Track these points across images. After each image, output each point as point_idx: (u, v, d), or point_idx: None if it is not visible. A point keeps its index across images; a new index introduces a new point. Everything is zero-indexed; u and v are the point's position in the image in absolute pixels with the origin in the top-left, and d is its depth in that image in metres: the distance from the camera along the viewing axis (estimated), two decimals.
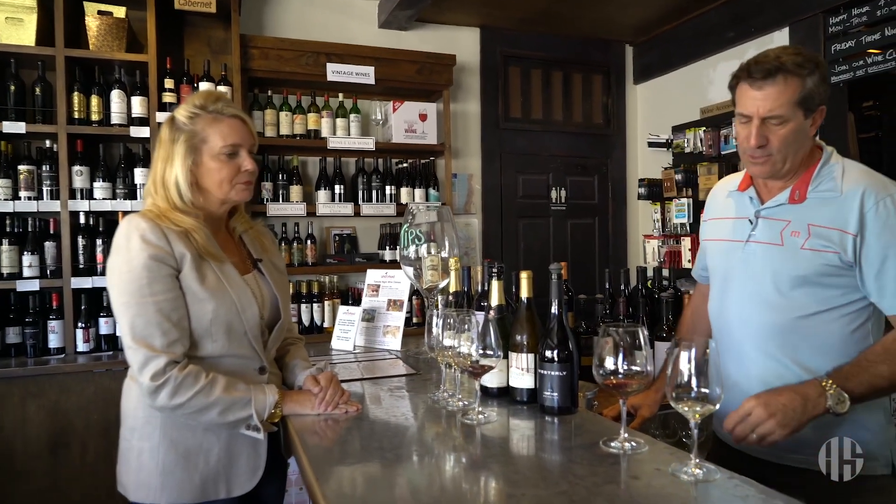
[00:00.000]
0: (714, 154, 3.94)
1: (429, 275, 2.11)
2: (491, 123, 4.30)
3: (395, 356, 2.11)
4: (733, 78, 1.45)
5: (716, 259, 1.61)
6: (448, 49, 3.93)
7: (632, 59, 4.71)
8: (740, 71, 1.42)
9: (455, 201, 4.10)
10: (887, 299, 1.35)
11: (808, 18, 3.43)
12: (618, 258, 4.62)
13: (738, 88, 1.43)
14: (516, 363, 1.47)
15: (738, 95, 1.43)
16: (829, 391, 1.26)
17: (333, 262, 3.64)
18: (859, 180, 1.39)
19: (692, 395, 1.03)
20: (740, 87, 1.42)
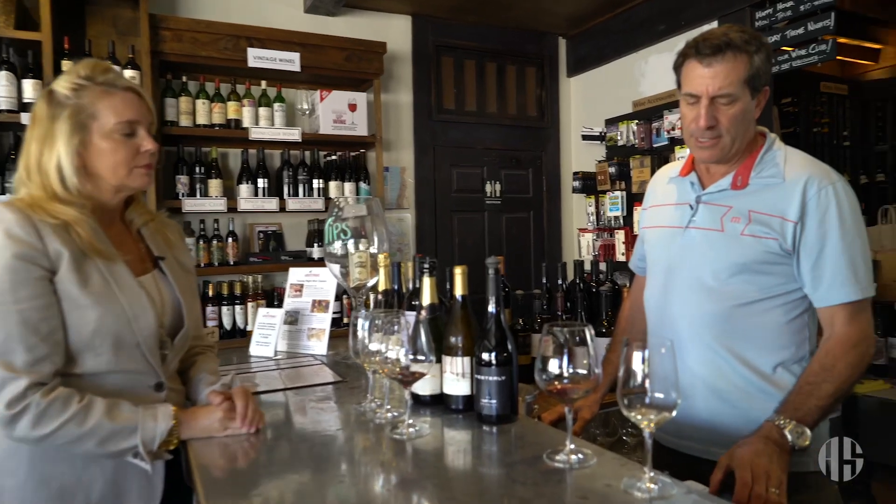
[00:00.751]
0: (646, 147, 3.95)
1: (357, 272, 1.95)
2: (424, 115, 4.16)
3: (321, 362, 1.95)
4: (679, 56, 1.39)
5: (655, 247, 1.55)
6: (378, 36, 3.76)
7: (565, 51, 4.68)
8: (687, 48, 1.36)
9: (387, 195, 3.94)
10: (820, 291, 1.32)
11: (735, 12, 3.46)
12: (553, 252, 4.58)
13: (684, 67, 1.38)
14: (451, 368, 1.34)
15: (685, 74, 1.37)
16: (786, 429, 1.22)
17: (257, 260, 3.41)
18: (803, 168, 1.36)
19: (646, 402, 0.92)
20: (687, 65, 1.36)
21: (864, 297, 1.30)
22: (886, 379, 2.77)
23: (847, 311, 1.30)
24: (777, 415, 1.25)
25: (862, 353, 1.29)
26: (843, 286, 1.29)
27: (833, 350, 1.29)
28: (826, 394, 1.25)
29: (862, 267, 1.30)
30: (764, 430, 1.23)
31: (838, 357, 1.28)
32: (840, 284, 1.29)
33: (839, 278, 1.29)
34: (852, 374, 1.28)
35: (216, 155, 3.39)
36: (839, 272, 1.29)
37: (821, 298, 1.32)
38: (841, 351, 1.28)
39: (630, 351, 0.94)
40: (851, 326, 1.29)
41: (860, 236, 1.31)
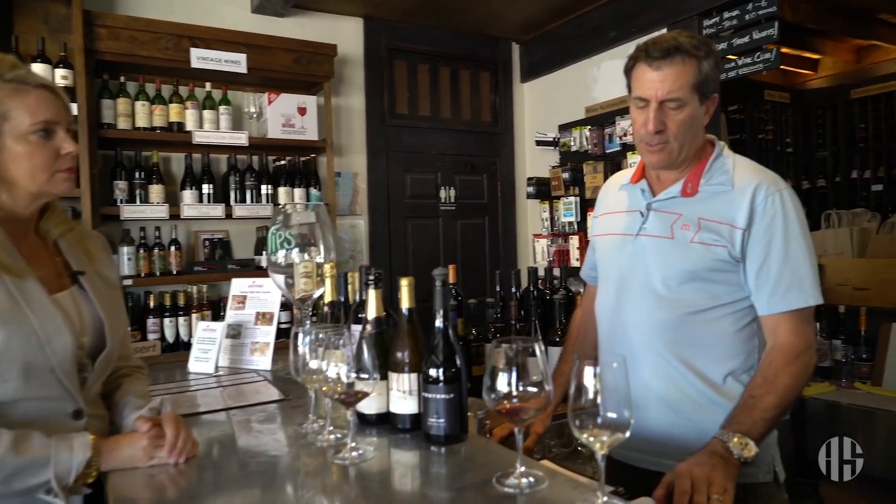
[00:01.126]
0: (599, 153, 3.97)
1: (302, 283, 1.86)
2: (376, 119, 4.08)
3: (264, 378, 1.85)
4: (630, 60, 1.38)
5: (606, 255, 1.53)
6: (329, 39, 3.67)
7: (519, 56, 4.67)
8: (637, 52, 1.35)
9: (339, 201, 3.85)
10: (763, 298, 1.31)
11: (684, 20, 3.51)
12: (508, 258, 4.56)
13: (634, 70, 1.36)
14: (397, 385, 1.27)
15: (635, 78, 1.36)
16: (729, 443, 1.19)
17: (202, 269, 3.27)
18: (751, 175, 1.36)
19: (598, 422, 0.88)
20: (637, 68, 1.35)
21: (808, 305, 1.28)
22: (832, 381, 2.83)
23: (791, 319, 1.28)
24: (721, 430, 1.23)
25: (805, 363, 1.28)
26: (787, 294, 1.28)
27: (776, 361, 1.27)
28: (769, 405, 1.23)
29: (807, 275, 1.29)
30: (710, 445, 1.21)
31: (781, 368, 1.26)
32: (784, 292, 1.28)
33: (782, 286, 1.28)
34: (795, 385, 1.26)
35: (157, 159, 3.24)
36: (783, 280, 1.28)
37: (764, 306, 1.31)
38: (783, 362, 1.26)
39: (581, 368, 0.89)
40: (795, 336, 1.28)
41: (806, 244, 1.31)
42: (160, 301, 3.10)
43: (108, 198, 3.08)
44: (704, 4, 3.40)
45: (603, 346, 1.51)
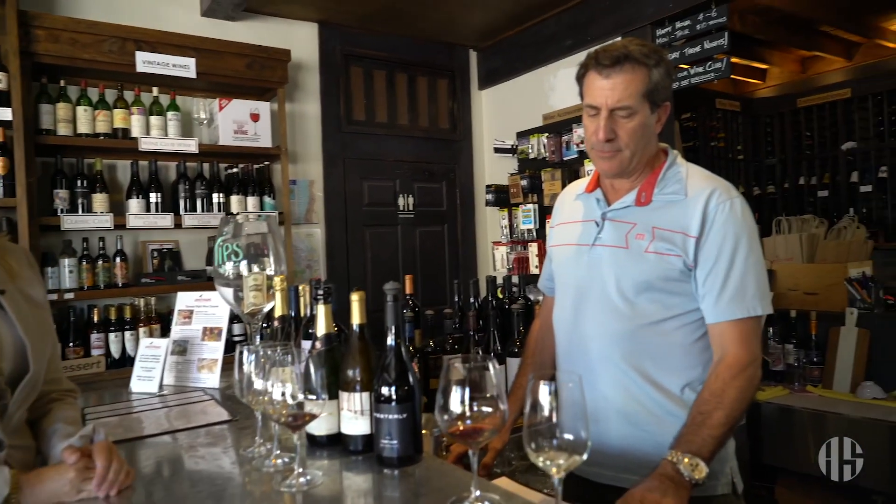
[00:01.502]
0: (557, 160, 3.98)
1: (251, 296, 1.79)
2: (332, 126, 4.01)
3: (211, 397, 1.76)
4: (581, 67, 1.37)
5: (563, 265, 1.50)
6: (283, 44, 3.59)
7: (476, 64, 4.67)
8: (588, 60, 1.34)
9: (295, 210, 3.76)
10: (708, 306, 1.30)
11: (638, 29, 3.55)
12: (468, 265, 4.54)
13: (585, 78, 1.36)
14: (348, 405, 1.22)
15: (586, 86, 1.35)
16: (679, 465, 1.17)
17: (150, 281, 3.14)
18: (704, 184, 1.35)
19: (554, 444, 0.84)
20: (588, 76, 1.34)
21: (754, 315, 1.27)
22: (785, 385, 2.88)
23: (737, 329, 1.27)
24: (671, 451, 1.20)
25: (750, 377, 1.26)
26: (731, 303, 1.27)
27: (722, 375, 1.25)
28: (718, 422, 1.21)
29: (751, 285, 1.28)
30: (660, 468, 1.18)
31: (727, 382, 1.24)
32: (728, 301, 1.27)
33: (727, 295, 1.27)
34: (742, 400, 1.25)
35: (101, 167, 3.10)
36: (727, 289, 1.27)
37: (710, 314, 1.29)
38: (730, 376, 1.25)
39: (536, 386, 0.86)
40: (741, 348, 1.26)
41: (754, 254, 1.30)
42: (105, 315, 2.97)
43: (47, 207, 2.93)
44: (657, 14, 3.44)
45: (561, 358, 1.48)
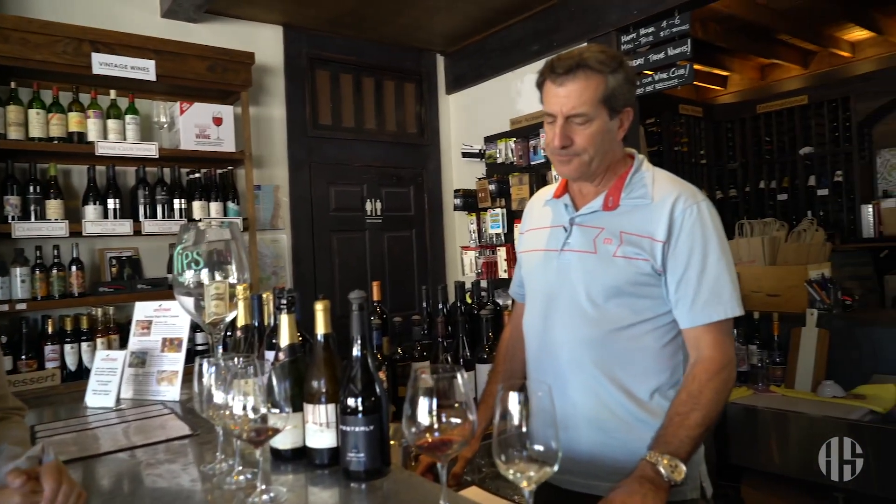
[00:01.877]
0: (524, 164, 3.99)
1: (213, 306, 1.73)
2: (298, 130, 3.95)
3: (171, 410, 1.70)
4: (539, 76, 1.37)
5: (532, 271, 1.50)
6: (246, 46, 3.52)
7: (443, 68, 4.66)
8: (544, 68, 1.35)
9: (260, 215, 3.69)
10: (683, 311, 1.30)
11: (602, 35, 3.59)
12: (436, 270, 4.52)
13: (544, 86, 1.36)
14: (313, 417, 1.18)
15: (544, 94, 1.36)
16: (659, 465, 1.17)
17: (108, 290, 3.03)
18: (670, 188, 1.35)
19: (524, 455, 0.82)
20: (545, 84, 1.35)
21: (727, 317, 1.28)
22: (749, 385, 2.93)
23: (711, 332, 1.28)
24: (650, 451, 1.21)
25: (725, 378, 1.27)
26: (707, 307, 1.27)
27: (699, 376, 1.26)
28: (695, 423, 1.22)
29: (725, 287, 1.29)
30: (639, 469, 1.19)
31: (704, 384, 1.25)
32: (703, 305, 1.28)
33: (702, 299, 1.28)
34: (719, 401, 1.26)
35: (55, 172, 2.99)
36: (702, 293, 1.28)
37: (685, 319, 1.30)
38: (706, 377, 1.26)
39: (505, 398, 0.84)
40: (716, 350, 1.27)
41: (724, 256, 1.31)
42: (60, 326, 2.86)
43: None
44: (621, 21, 3.48)
45: (531, 364, 1.47)
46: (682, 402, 1.25)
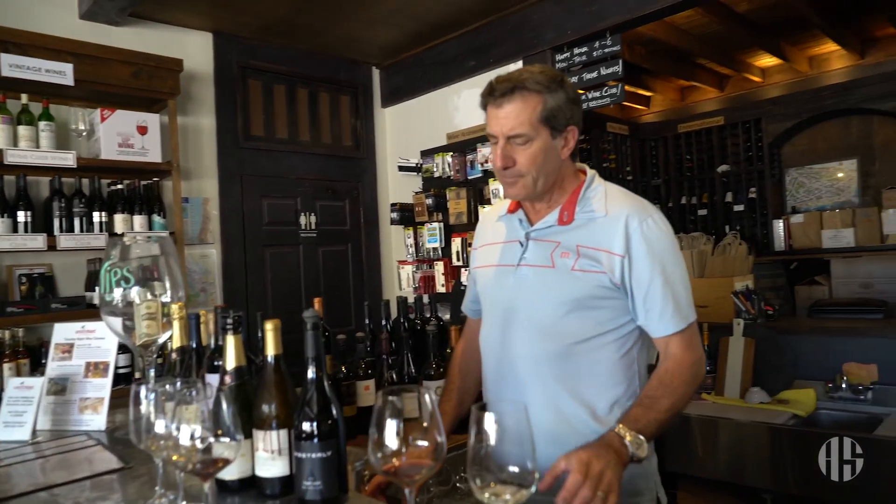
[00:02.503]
0: (461, 179, 4.01)
1: (144, 326, 1.62)
2: (229, 141, 3.80)
3: (98, 441, 1.57)
4: (481, 98, 1.39)
5: (488, 287, 1.48)
6: (174, 52, 3.37)
7: (379, 81, 4.63)
8: (485, 91, 1.37)
9: (187, 229, 3.52)
10: (653, 322, 1.34)
11: (538, 54, 3.67)
12: (373, 285, 4.45)
13: (486, 108, 1.38)
14: (264, 444, 1.11)
15: (487, 116, 1.38)
16: (626, 439, 1.21)
17: (17, 310, 2.80)
18: (622, 202, 1.38)
19: (502, 477, 0.80)
20: (487, 106, 1.37)
21: (688, 324, 1.34)
22: None
23: (678, 337, 1.33)
24: (619, 425, 1.24)
25: (695, 372, 1.34)
26: (673, 317, 1.32)
27: (671, 368, 1.32)
28: (664, 408, 1.27)
29: (683, 295, 1.34)
30: (606, 438, 1.22)
31: (675, 375, 1.31)
32: (670, 316, 1.32)
33: (668, 310, 1.32)
34: (687, 391, 1.32)
35: None
36: (668, 304, 1.32)
37: (654, 329, 1.35)
38: (677, 369, 1.31)
39: (481, 418, 0.81)
40: (685, 350, 1.33)
41: (680, 266, 1.36)
42: None
43: None
44: (556, 40, 3.57)
45: (489, 380, 1.45)
46: (653, 388, 1.30)
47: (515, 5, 3.67)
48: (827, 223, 5.35)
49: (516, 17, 3.75)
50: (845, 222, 5.26)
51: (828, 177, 5.73)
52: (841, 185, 5.67)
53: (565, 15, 3.53)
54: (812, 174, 5.80)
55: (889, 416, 2.49)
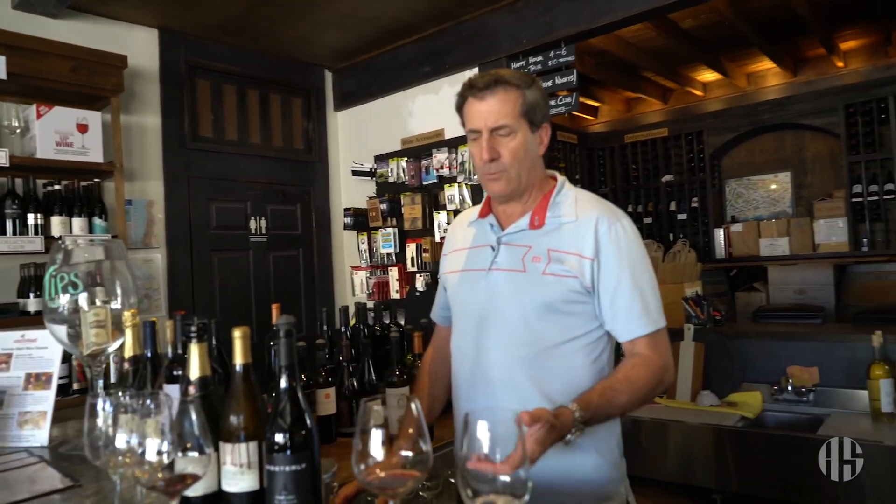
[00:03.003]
0: (417, 184, 3.99)
1: (93, 335, 1.53)
2: (176, 142, 3.66)
3: (40, 458, 1.46)
4: (459, 97, 1.40)
5: (459, 292, 1.47)
6: (118, 48, 3.22)
7: (332, 84, 4.56)
8: (464, 88, 1.38)
9: (130, 233, 3.36)
10: (619, 326, 1.34)
11: (493, 61, 3.69)
12: (325, 291, 4.36)
13: (465, 106, 1.38)
14: (232, 458, 1.05)
15: (466, 113, 1.38)
16: (574, 416, 1.17)
17: None
18: (592, 207, 1.40)
19: (497, 485, 0.78)
20: (467, 103, 1.37)
21: (657, 328, 1.33)
22: None
23: (646, 340, 1.33)
24: (574, 403, 1.20)
25: (660, 378, 1.32)
26: (640, 320, 1.32)
27: (639, 365, 1.31)
28: (619, 405, 1.26)
29: (652, 299, 1.34)
30: (561, 411, 1.17)
31: (641, 373, 1.30)
32: (636, 319, 1.32)
33: (634, 313, 1.32)
34: (647, 395, 1.31)
35: None
36: (634, 307, 1.32)
37: (621, 333, 1.35)
38: (644, 369, 1.30)
39: (472, 421, 0.79)
40: (653, 352, 1.33)
41: (648, 271, 1.37)
42: None
43: None
44: (512, 48, 3.61)
45: (461, 386, 1.43)
46: (618, 381, 1.28)
47: (471, 13, 3.69)
48: (764, 232, 5.60)
49: (472, 25, 3.77)
50: (780, 232, 5.51)
51: (764, 188, 6.00)
52: (776, 197, 5.95)
53: (520, 24, 3.57)
54: (750, 185, 6.06)
55: (829, 417, 2.61)
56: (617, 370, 1.32)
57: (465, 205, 3.71)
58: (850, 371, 2.70)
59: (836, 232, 5.27)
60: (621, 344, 1.37)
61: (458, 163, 3.73)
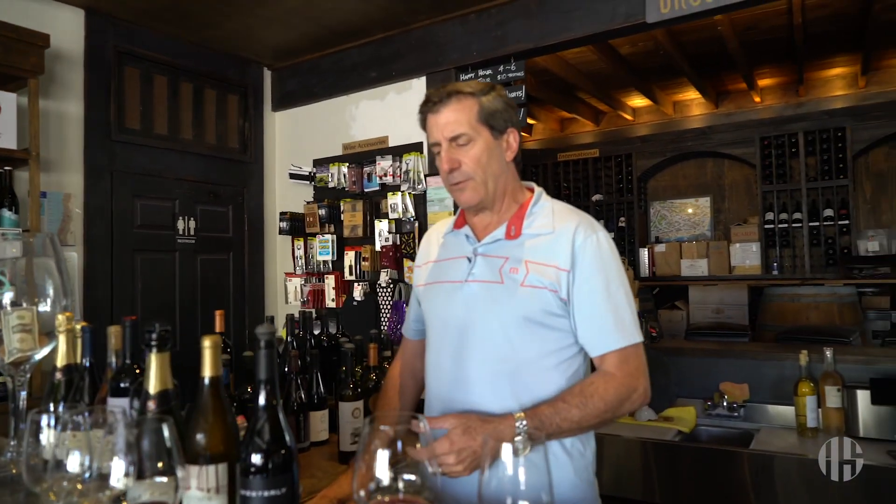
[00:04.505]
0: (358, 191, 3.89)
1: (16, 341, 1.37)
2: (99, 132, 3.39)
3: None
4: (420, 116, 1.41)
5: (435, 305, 1.41)
6: (38, 26, 2.95)
7: (270, 84, 4.39)
8: (421, 106, 1.39)
9: (44, 227, 3.07)
10: (590, 339, 1.32)
11: (442, 72, 3.67)
12: (256, 297, 4.16)
13: (426, 123, 1.39)
14: (198, 482, 0.94)
15: (427, 129, 1.39)
16: (518, 433, 1.14)
17: None
18: (569, 218, 1.38)
19: None
20: (427, 119, 1.38)
21: (629, 343, 1.30)
22: None
23: (614, 357, 1.30)
24: (525, 414, 1.18)
25: (625, 396, 1.27)
26: (612, 333, 1.30)
27: (597, 381, 1.28)
28: (571, 418, 1.22)
29: (626, 314, 1.32)
30: (502, 421, 1.16)
31: (598, 389, 1.26)
32: (608, 333, 1.30)
33: (608, 325, 1.30)
34: (606, 412, 1.26)
35: None
36: (607, 321, 1.30)
37: (592, 347, 1.32)
38: (603, 385, 1.27)
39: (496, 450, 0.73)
40: (618, 369, 1.29)
41: (623, 284, 1.36)
42: None
43: None
44: (461, 60, 3.60)
45: (435, 400, 1.37)
46: (572, 395, 1.25)
47: (422, 21, 3.66)
48: (685, 253, 5.87)
49: (420, 33, 3.73)
50: (700, 253, 5.80)
51: (685, 211, 6.30)
52: (696, 220, 6.26)
53: (471, 36, 3.57)
54: (673, 208, 6.35)
55: (759, 432, 2.72)
56: (574, 384, 1.30)
57: (408, 214, 3.65)
58: (777, 388, 2.83)
59: (749, 256, 5.60)
60: (593, 360, 1.35)
61: (403, 171, 3.67)
